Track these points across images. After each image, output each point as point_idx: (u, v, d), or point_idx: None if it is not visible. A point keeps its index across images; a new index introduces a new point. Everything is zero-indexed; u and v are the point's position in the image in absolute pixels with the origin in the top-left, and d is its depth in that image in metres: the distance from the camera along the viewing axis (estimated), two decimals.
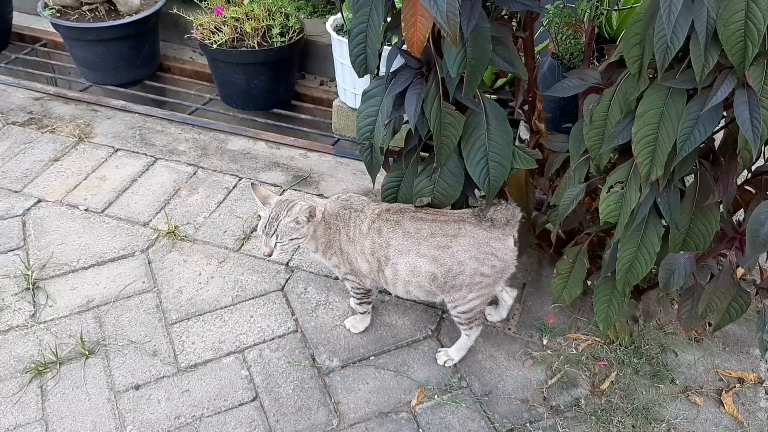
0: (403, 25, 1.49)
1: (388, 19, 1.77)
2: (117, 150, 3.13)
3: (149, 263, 2.56)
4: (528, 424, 2.07)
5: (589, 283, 2.20)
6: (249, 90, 3.36)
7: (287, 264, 2.57)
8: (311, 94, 3.65)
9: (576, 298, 2.19)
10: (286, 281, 2.50)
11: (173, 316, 2.36)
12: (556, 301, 2.25)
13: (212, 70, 3.43)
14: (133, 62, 3.57)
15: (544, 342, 2.31)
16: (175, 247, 2.63)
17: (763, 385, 2.20)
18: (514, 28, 1.98)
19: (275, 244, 1.93)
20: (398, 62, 1.86)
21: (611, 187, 1.72)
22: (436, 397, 2.14)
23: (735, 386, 2.18)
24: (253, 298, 2.44)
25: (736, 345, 2.32)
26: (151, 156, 3.10)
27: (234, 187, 2.93)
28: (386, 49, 1.91)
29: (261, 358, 2.23)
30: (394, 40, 1.93)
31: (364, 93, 1.89)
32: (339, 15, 3.14)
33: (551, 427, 2.06)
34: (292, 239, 1.94)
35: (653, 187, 1.64)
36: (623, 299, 2.05)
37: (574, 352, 2.27)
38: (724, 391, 2.16)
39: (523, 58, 2.04)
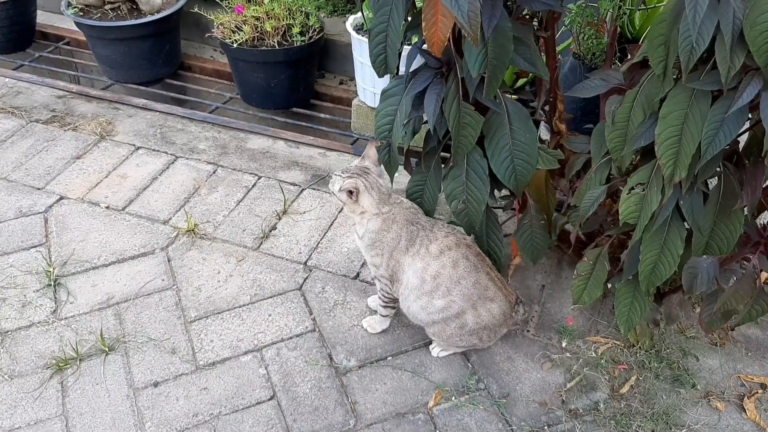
0: (423, 24, 1.49)
1: (409, 19, 1.76)
2: (138, 148, 3.15)
3: (169, 261, 2.58)
4: (546, 428, 2.05)
5: (609, 285, 2.18)
6: (269, 89, 3.36)
7: (305, 263, 2.57)
8: (331, 93, 3.65)
9: (596, 300, 2.18)
10: (304, 280, 2.50)
11: (192, 314, 2.38)
12: (576, 303, 2.23)
13: (232, 69, 3.44)
14: (155, 61, 3.59)
15: (564, 344, 2.29)
16: (194, 245, 2.64)
17: None
18: (535, 27, 1.96)
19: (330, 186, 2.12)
20: (417, 62, 1.86)
21: (632, 188, 1.70)
22: (453, 398, 2.13)
23: (757, 392, 2.14)
24: (271, 297, 2.44)
25: (758, 350, 2.28)
26: (171, 154, 3.12)
27: (253, 186, 2.94)
28: (406, 48, 1.90)
29: (279, 356, 2.24)
30: (414, 39, 1.93)
31: (383, 92, 1.89)
32: (359, 14, 3.14)
33: (569, 431, 2.04)
34: (331, 195, 2.12)
35: (676, 189, 1.62)
36: (645, 302, 2.03)
37: (594, 355, 2.25)
38: (746, 397, 2.13)
39: (544, 58, 2.03)
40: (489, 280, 2.07)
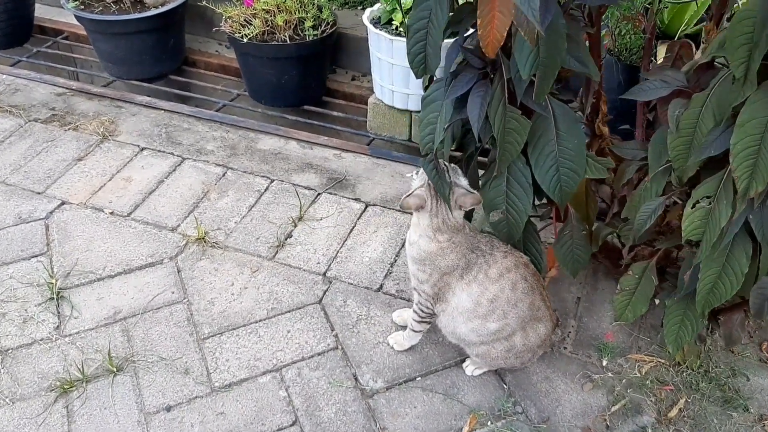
0: (479, 21, 1.32)
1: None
2: (143, 149, 2.99)
3: (178, 272, 2.42)
4: None
5: (657, 301, 2.03)
6: (279, 85, 3.20)
7: (324, 274, 2.42)
8: (343, 89, 3.48)
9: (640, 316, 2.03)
10: (324, 293, 2.34)
11: (205, 330, 2.22)
12: (618, 319, 2.10)
13: (241, 64, 3.27)
14: (159, 56, 3.42)
15: (604, 363, 2.14)
16: (205, 255, 2.48)
17: None
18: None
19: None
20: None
21: (697, 202, 1.54)
22: (489, 423, 1.98)
23: None
24: (289, 312, 2.28)
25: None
26: (178, 156, 2.95)
27: (266, 190, 2.78)
28: (444, 45, 1.73)
29: (300, 377, 2.08)
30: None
31: (424, 99, 1.72)
32: (376, 6, 2.97)
33: None
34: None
35: (748, 203, 1.47)
36: (698, 321, 1.88)
37: (638, 375, 2.10)
38: None
39: None
40: (541, 300, 1.92)
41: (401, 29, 2.79)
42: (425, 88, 1.77)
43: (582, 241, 2.03)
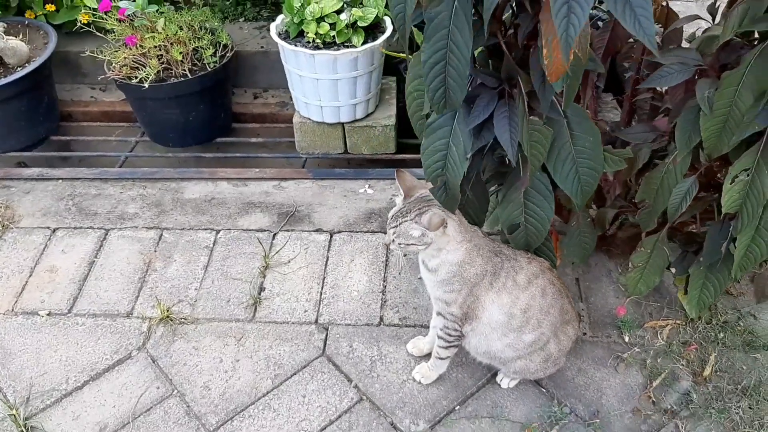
0: (545, 52, 1.19)
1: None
2: (55, 230, 2.60)
3: (154, 362, 2.14)
4: None
5: (673, 270, 2.04)
6: (187, 124, 2.90)
7: (316, 321, 2.23)
8: (250, 111, 3.23)
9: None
10: (325, 343, 2.16)
11: (212, 420, 1.98)
12: (632, 294, 2.10)
13: (137, 109, 2.93)
14: (35, 119, 2.98)
15: (626, 339, 2.14)
16: (177, 335, 2.21)
17: None
18: None
19: (393, 240, 1.72)
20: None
21: (735, 176, 1.53)
22: None
23: None
24: (295, 374, 2.09)
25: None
26: (99, 228, 2.60)
27: (215, 244, 2.51)
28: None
29: None
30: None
31: (428, 125, 1.57)
32: (279, 19, 2.75)
33: None
34: (409, 244, 1.70)
35: None
36: (720, 283, 1.90)
37: (661, 342, 2.12)
38: None
39: None
40: (568, 302, 1.86)
41: (318, 41, 2.59)
42: (426, 116, 1.62)
43: (588, 228, 1.99)
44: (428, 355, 2.07)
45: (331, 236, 2.52)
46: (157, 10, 2.73)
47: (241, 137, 3.10)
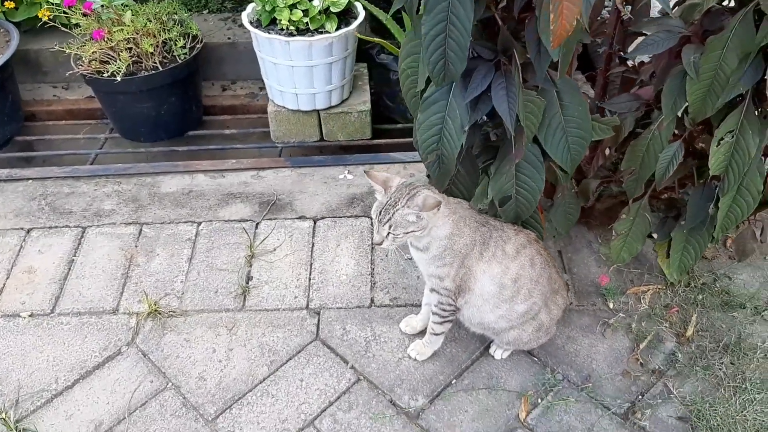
0: (552, 16, 1.23)
1: None
2: (29, 231, 2.54)
3: (145, 356, 2.12)
4: (642, 397, 1.97)
5: (655, 236, 2.12)
6: (158, 117, 2.86)
7: (307, 307, 2.24)
8: (220, 103, 3.21)
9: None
10: (318, 327, 2.17)
11: (210, 409, 1.97)
12: (616, 261, 2.17)
13: (106, 105, 2.88)
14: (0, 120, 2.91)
15: (611, 306, 2.21)
16: (166, 328, 2.19)
17: None
18: None
19: (387, 234, 1.69)
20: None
21: (721, 139, 1.59)
22: (540, 401, 1.97)
23: None
24: (291, 359, 2.09)
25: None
26: (75, 226, 2.56)
27: (197, 236, 2.50)
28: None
29: (337, 423, 1.92)
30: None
31: (424, 100, 1.60)
32: (250, 8, 2.73)
33: (664, 393, 1.97)
34: (407, 232, 1.69)
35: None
36: (700, 245, 1.98)
37: (644, 306, 2.19)
38: None
39: None
40: (556, 272, 1.91)
41: (291, 28, 2.59)
42: (421, 92, 1.64)
43: (573, 199, 2.05)
44: (421, 333, 2.11)
45: (315, 223, 2.53)
46: (122, 4, 2.68)
47: (213, 129, 3.08)
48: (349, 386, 2.02)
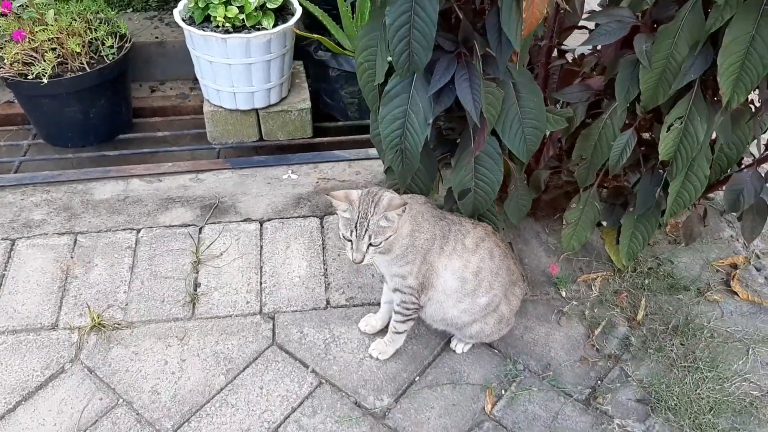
0: (524, 4, 1.22)
1: None
2: None
3: (92, 372, 2.00)
4: (600, 382, 2.01)
5: (604, 223, 2.17)
6: (87, 121, 2.72)
7: (261, 312, 2.17)
8: (149, 105, 3.08)
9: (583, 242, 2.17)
10: (274, 332, 2.11)
11: (167, 424, 1.88)
12: (566, 250, 2.21)
13: (30, 109, 2.71)
14: None
15: (563, 294, 2.25)
16: (112, 342, 2.08)
17: (751, 263, 2.37)
18: None
19: (367, 247, 1.65)
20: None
21: (671, 125, 1.64)
22: (504, 392, 1.98)
23: (735, 273, 2.31)
24: (248, 366, 2.02)
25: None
26: (3, 239, 2.39)
27: (138, 243, 2.38)
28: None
29: (302, 430, 1.87)
30: None
31: (385, 94, 1.57)
32: (182, 5, 2.63)
33: (622, 376, 2.02)
34: (386, 239, 1.66)
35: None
36: (648, 231, 2.04)
37: (595, 293, 2.24)
38: (730, 281, 2.29)
39: None
40: (513, 263, 1.92)
41: (228, 25, 2.51)
42: (380, 86, 1.61)
43: (524, 190, 2.07)
44: (381, 332, 2.08)
45: (262, 225, 2.46)
46: (43, 3, 2.53)
47: (145, 132, 2.95)
48: (311, 390, 1.97)
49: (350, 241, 1.67)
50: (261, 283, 2.25)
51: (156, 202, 2.54)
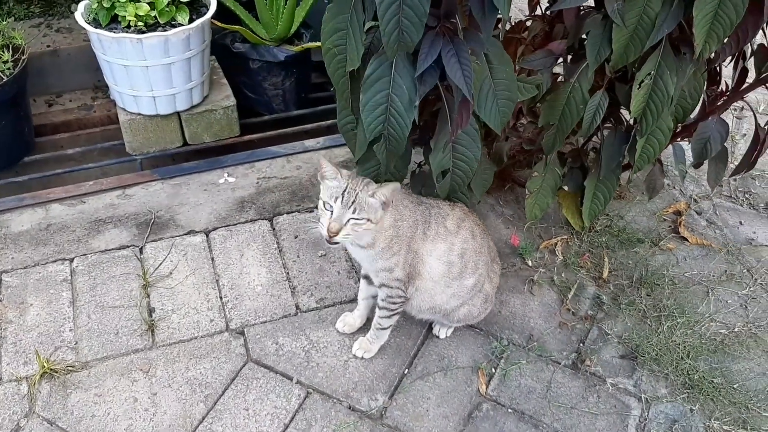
0: None
1: None
2: None
3: (53, 424, 1.80)
4: (582, 344, 2.03)
5: (566, 188, 2.18)
6: None
7: (228, 329, 2.03)
8: (50, 121, 2.80)
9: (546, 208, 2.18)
10: (246, 347, 1.98)
11: None
12: (529, 219, 2.22)
13: None
14: None
15: (530, 263, 2.26)
16: (69, 387, 1.88)
17: (692, 208, 2.47)
18: None
19: (348, 220, 1.55)
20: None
21: (641, 81, 1.66)
22: (495, 370, 1.96)
23: (681, 219, 2.41)
24: (227, 388, 1.89)
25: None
26: None
27: (74, 274, 2.16)
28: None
29: None
30: None
31: (365, 80, 1.47)
32: (82, 6, 2.39)
33: (602, 335, 2.05)
34: (368, 219, 1.57)
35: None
36: (609, 190, 2.08)
37: (559, 257, 2.27)
38: (678, 227, 2.38)
39: None
40: (490, 240, 1.90)
41: (140, 24, 2.30)
42: (352, 72, 1.51)
43: (488, 164, 2.04)
44: (360, 330, 2.01)
45: (208, 235, 2.30)
46: None
47: (51, 152, 2.67)
48: (300, 403, 1.87)
49: (330, 211, 1.58)
50: (221, 298, 2.11)
51: (84, 227, 2.32)
